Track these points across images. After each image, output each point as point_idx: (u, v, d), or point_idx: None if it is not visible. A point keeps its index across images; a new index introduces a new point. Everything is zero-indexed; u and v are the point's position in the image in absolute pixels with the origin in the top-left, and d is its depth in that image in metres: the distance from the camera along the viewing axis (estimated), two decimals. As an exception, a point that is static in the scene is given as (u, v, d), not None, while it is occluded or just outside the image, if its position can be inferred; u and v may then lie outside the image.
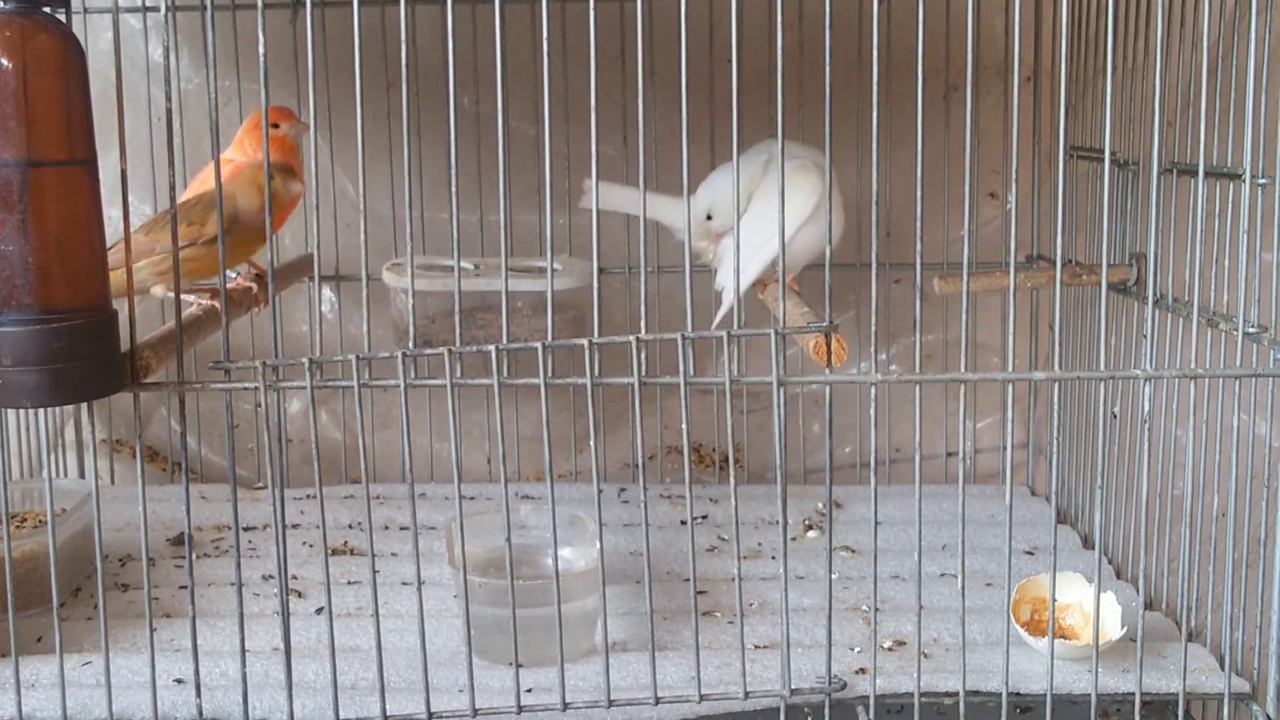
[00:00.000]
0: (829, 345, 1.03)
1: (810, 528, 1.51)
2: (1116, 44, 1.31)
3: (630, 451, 1.73)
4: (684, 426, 1.01)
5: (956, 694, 1.07)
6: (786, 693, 1.06)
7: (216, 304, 1.24)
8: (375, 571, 1.03)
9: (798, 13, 1.57)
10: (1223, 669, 1.12)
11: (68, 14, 0.93)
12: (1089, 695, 1.07)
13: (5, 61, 0.88)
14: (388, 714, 1.02)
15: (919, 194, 1.00)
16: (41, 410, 1.51)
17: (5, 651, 1.08)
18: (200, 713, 1.04)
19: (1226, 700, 1.08)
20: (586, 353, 1.00)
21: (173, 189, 0.98)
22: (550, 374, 1.01)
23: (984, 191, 1.71)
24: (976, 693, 1.09)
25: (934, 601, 1.28)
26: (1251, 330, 1.08)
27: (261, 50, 0.96)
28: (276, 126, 1.36)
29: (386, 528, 1.52)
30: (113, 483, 1.68)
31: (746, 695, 1.05)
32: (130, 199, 0.98)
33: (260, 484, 1.68)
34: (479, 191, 1.63)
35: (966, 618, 1.08)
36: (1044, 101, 1.60)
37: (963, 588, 1.07)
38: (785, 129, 0.99)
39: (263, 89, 0.97)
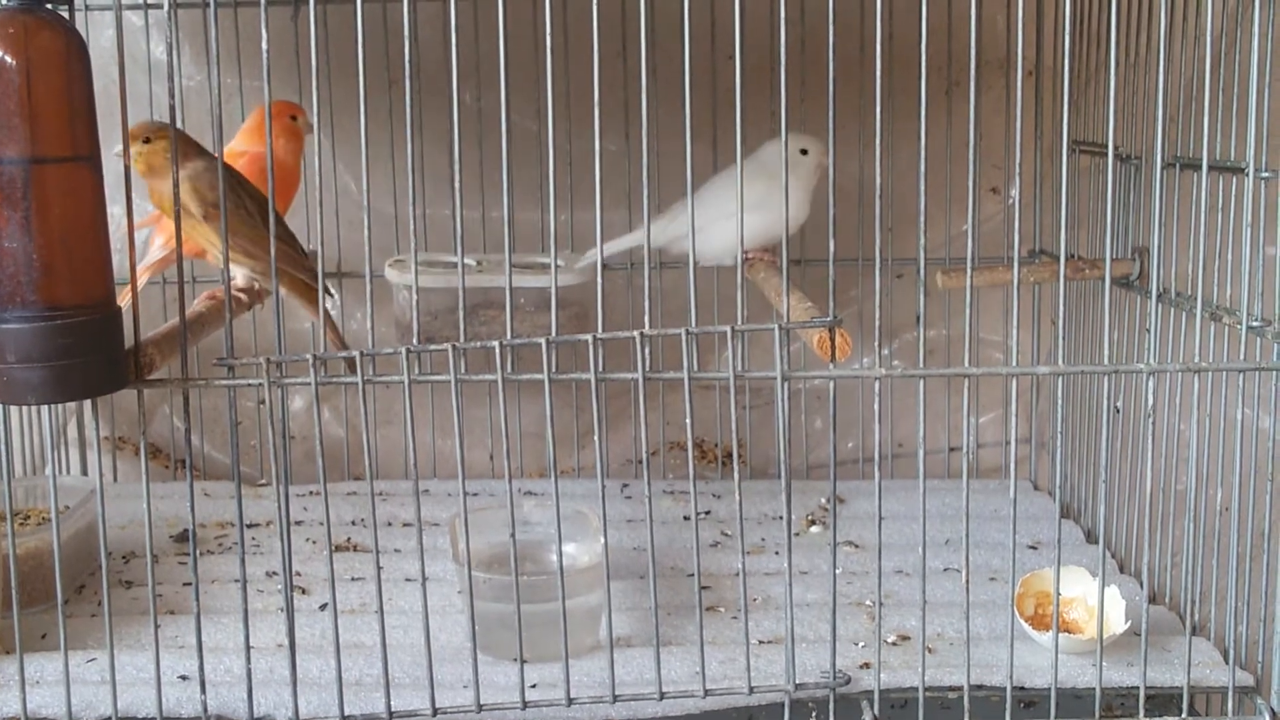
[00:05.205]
0: (833, 340, 1.03)
1: (813, 523, 1.51)
2: (1119, 38, 1.32)
3: (633, 447, 1.73)
4: (687, 422, 1.01)
5: (961, 688, 1.07)
6: (791, 688, 1.06)
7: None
8: (379, 568, 1.03)
9: (800, 8, 1.57)
10: (1227, 662, 1.12)
11: (70, 11, 0.93)
12: (1093, 689, 1.07)
13: (8, 58, 0.88)
14: (392, 710, 1.02)
15: (922, 189, 1.00)
16: (45, 407, 1.53)
17: (10, 649, 1.08)
18: (205, 709, 1.04)
19: (1230, 694, 1.09)
20: (590, 347, 1.00)
21: (175, 186, 0.99)
22: (554, 370, 1.01)
23: (986, 187, 1.70)
24: (981, 687, 1.09)
25: (938, 596, 1.28)
26: (1255, 324, 1.08)
27: (264, 47, 0.96)
28: (295, 119, 1.47)
29: (390, 524, 1.52)
30: (115, 480, 1.68)
31: (751, 690, 1.05)
32: (133, 196, 0.97)
33: (263, 481, 1.68)
34: (481, 188, 1.63)
35: (970, 612, 1.08)
36: (1045, 96, 1.59)
37: (966, 582, 1.06)
38: (788, 124, 0.99)
39: (265, 86, 0.97)
